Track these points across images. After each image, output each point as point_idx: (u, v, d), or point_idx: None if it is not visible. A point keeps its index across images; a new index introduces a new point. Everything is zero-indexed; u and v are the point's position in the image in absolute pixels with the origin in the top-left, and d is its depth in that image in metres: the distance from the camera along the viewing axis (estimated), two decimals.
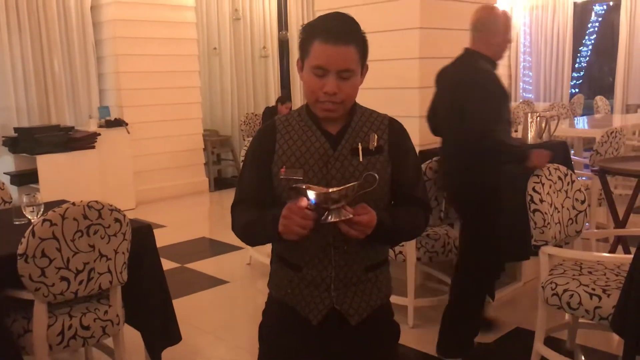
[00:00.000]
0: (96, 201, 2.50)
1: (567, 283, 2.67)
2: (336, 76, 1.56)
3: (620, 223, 3.97)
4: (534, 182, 2.82)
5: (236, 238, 1.72)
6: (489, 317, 3.46)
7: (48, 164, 5.88)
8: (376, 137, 1.66)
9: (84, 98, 7.06)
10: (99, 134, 6.36)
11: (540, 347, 2.87)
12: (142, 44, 7.00)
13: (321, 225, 1.48)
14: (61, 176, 5.90)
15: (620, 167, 3.91)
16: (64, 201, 2.98)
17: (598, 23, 11.00)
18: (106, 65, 7.11)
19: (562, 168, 3.01)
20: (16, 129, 6.12)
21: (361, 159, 1.64)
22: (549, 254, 2.82)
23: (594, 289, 2.58)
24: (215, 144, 8.23)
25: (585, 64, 11.23)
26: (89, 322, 2.55)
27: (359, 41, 1.59)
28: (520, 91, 11.13)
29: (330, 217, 1.46)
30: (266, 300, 1.81)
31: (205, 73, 8.46)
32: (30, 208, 2.79)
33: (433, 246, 3.48)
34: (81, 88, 7.01)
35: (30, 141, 5.85)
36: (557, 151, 4.17)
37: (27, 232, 2.34)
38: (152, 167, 7.22)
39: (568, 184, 2.99)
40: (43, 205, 2.83)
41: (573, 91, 10.78)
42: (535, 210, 2.78)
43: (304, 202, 1.45)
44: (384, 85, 4.06)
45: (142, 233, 2.84)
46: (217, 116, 8.72)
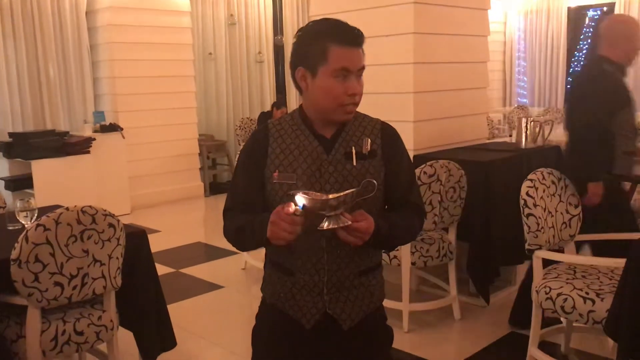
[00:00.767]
0: (90, 206, 2.49)
1: (561, 287, 2.67)
2: (356, 76, 1.60)
3: None
4: (528, 187, 2.83)
5: (229, 243, 1.72)
6: None
7: (43, 169, 5.86)
8: (369, 141, 1.67)
9: (79, 103, 7.05)
10: (94, 139, 6.35)
11: (534, 351, 2.87)
12: (137, 49, 7.00)
13: (315, 230, 1.48)
14: (56, 181, 5.88)
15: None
16: (58, 206, 2.97)
17: (592, 28, 11.05)
18: (101, 70, 7.10)
19: (556, 172, 3.02)
20: (11, 134, 6.10)
21: (355, 163, 1.64)
22: (543, 258, 2.83)
23: (587, 293, 2.59)
24: (210, 149, 8.22)
25: (580, 70, 11.26)
26: (82, 328, 2.54)
27: (363, 42, 1.64)
28: (515, 96, 11.16)
29: (328, 224, 1.46)
30: (259, 304, 1.81)
31: (201, 78, 8.46)
32: (24, 213, 2.78)
33: (428, 250, 3.48)
34: (76, 93, 7.00)
35: (24, 146, 5.84)
36: (550, 156, 4.20)
37: (21, 237, 2.33)
38: (147, 172, 7.21)
39: (562, 188, 3.00)
40: (37, 210, 2.82)
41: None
42: (528, 215, 2.79)
43: (291, 208, 1.45)
44: (379, 90, 4.07)
45: (137, 238, 2.83)
46: (212, 121, 8.71)
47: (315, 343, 1.71)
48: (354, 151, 1.65)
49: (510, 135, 6.59)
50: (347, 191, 1.45)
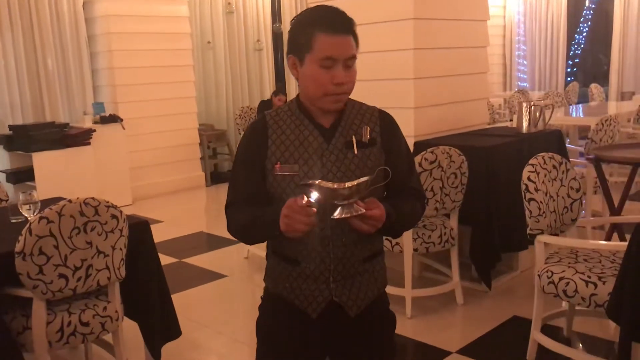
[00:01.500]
0: (93, 198, 2.50)
1: (563, 271, 2.68)
2: (343, 65, 1.58)
3: (615, 211, 3.98)
4: (529, 171, 2.83)
5: (234, 237, 1.72)
6: None
7: (43, 161, 5.87)
8: (369, 129, 1.67)
9: (78, 94, 7.04)
10: (94, 131, 6.35)
11: (537, 335, 2.89)
12: (135, 39, 6.97)
13: (322, 220, 1.48)
14: (57, 173, 5.89)
15: (615, 155, 3.92)
16: (60, 198, 2.98)
17: (592, 11, 10.99)
18: (100, 61, 7.08)
19: (557, 156, 3.02)
20: (11, 127, 6.10)
21: (356, 152, 1.64)
22: (545, 243, 2.84)
23: (589, 277, 2.60)
24: (210, 138, 8.22)
25: (580, 52, 11.22)
26: (88, 319, 2.56)
27: (354, 30, 1.61)
28: (515, 80, 11.13)
29: (341, 213, 1.45)
30: (262, 295, 1.82)
31: (200, 67, 8.44)
32: (27, 206, 2.79)
33: (430, 237, 3.49)
34: (75, 84, 6.99)
35: (25, 138, 5.84)
36: (551, 140, 4.20)
37: (24, 230, 2.34)
38: (148, 163, 7.21)
39: (563, 172, 3.00)
40: (39, 203, 2.83)
41: (568, 79, 10.79)
42: (530, 199, 2.80)
43: (304, 199, 1.44)
44: (379, 76, 4.06)
45: (139, 229, 2.84)
46: (212, 110, 8.70)
47: (321, 331, 1.71)
48: (354, 140, 1.65)
49: (511, 120, 6.58)
50: (361, 179, 1.44)
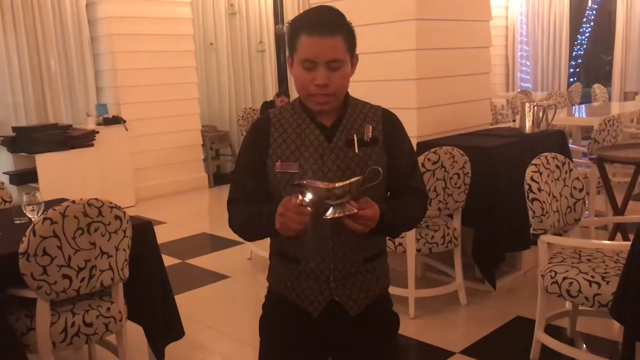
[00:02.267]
0: (96, 199, 2.51)
1: (567, 271, 2.68)
2: (325, 67, 1.56)
3: (618, 210, 3.98)
4: (532, 172, 2.83)
5: (235, 233, 1.73)
6: None
7: (47, 163, 5.88)
8: (371, 128, 1.67)
9: (81, 96, 7.05)
10: (97, 132, 6.36)
11: (540, 335, 2.89)
12: (138, 40, 6.98)
13: (321, 219, 1.49)
14: (60, 174, 5.91)
15: (618, 155, 3.92)
16: (63, 199, 2.99)
17: (595, 11, 10.97)
18: (103, 62, 7.10)
19: (560, 157, 3.01)
20: (14, 128, 6.12)
21: (357, 151, 1.64)
22: (548, 243, 2.83)
23: (593, 277, 2.59)
24: (213, 140, 8.22)
25: (583, 52, 11.21)
26: (91, 319, 2.56)
27: (345, 31, 1.59)
28: (518, 81, 11.12)
29: (334, 212, 1.46)
30: (266, 293, 1.83)
31: (202, 69, 8.45)
32: (31, 207, 2.80)
33: (433, 237, 3.49)
34: (78, 86, 7.00)
35: (28, 140, 5.86)
36: (554, 140, 4.19)
37: (28, 230, 2.34)
38: (151, 164, 7.22)
39: (566, 172, 2.99)
40: (43, 204, 2.84)
41: (570, 80, 10.77)
42: (533, 199, 2.79)
43: (298, 199, 1.45)
44: (381, 77, 4.06)
45: (143, 230, 2.84)
46: (214, 112, 8.71)
47: (323, 331, 1.72)
48: (355, 138, 1.65)
49: (514, 121, 6.57)
50: (353, 179, 1.45)
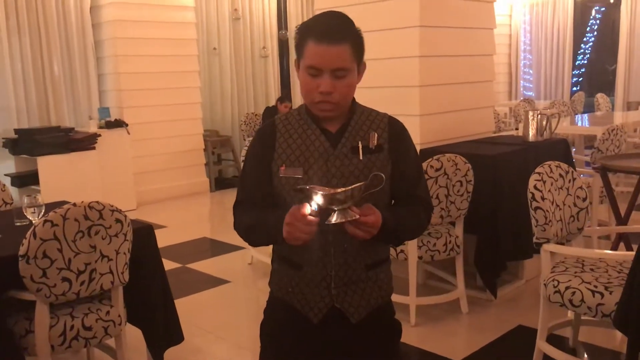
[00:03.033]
0: (97, 202, 2.50)
1: (569, 280, 2.66)
2: (330, 75, 1.56)
3: (621, 220, 3.96)
4: (535, 180, 2.81)
5: (237, 238, 1.72)
6: None
7: (48, 165, 5.88)
8: (376, 135, 1.66)
9: (84, 99, 7.05)
10: (99, 135, 6.36)
11: (542, 345, 2.87)
12: (141, 44, 6.99)
13: (323, 225, 1.48)
14: (62, 177, 5.90)
15: (622, 165, 3.90)
16: (64, 202, 2.98)
17: (598, 20, 10.99)
18: (106, 66, 7.10)
19: (564, 166, 3.00)
20: (16, 130, 6.11)
21: (361, 157, 1.63)
22: (551, 252, 2.82)
23: (596, 286, 2.57)
24: (215, 144, 8.22)
25: (586, 62, 11.21)
26: (90, 323, 2.55)
27: (353, 39, 1.58)
28: (521, 89, 11.12)
29: (336, 218, 1.45)
30: (267, 299, 1.81)
31: (205, 73, 8.46)
32: (32, 209, 2.79)
33: (435, 245, 3.47)
34: (81, 89, 7.00)
35: (30, 142, 5.85)
36: (558, 149, 4.18)
37: (29, 233, 2.34)
38: (152, 168, 7.21)
39: (569, 181, 2.98)
40: (44, 207, 2.83)
41: (574, 89, 10.77)
42: (536, 208, 2.78)
43: (306, 209, 1.44)
44: (385, 84, 4.06)
45: (143, 233, 2.84)
46: (217, 116, 8.71)
47: (323, 337, 1.70)
48: (360, 145, 1.64)
49: (517, 129, 6.56)
50: (355, 185, 1.44)
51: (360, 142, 1.65)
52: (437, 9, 4.04)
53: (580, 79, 11.18)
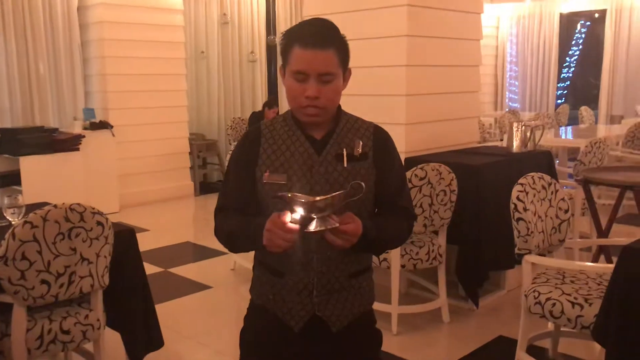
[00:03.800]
0: (78, 204, 2.47)
1: (550, 292, 2.68)
2: (317, 80, 1.56)
3: (602, 233, 4.00)
4: (518, 191, 2.83)
5: (220, 243, 1.71)
6: None
7: (31, 166, 5.81)
8: (361, 143, 1.66)
9: (69, 100, 7.00)
10: (84, 136, 6.30)
11: (522, 356, 2.88)
12: (128, 46, 6.95)
13: (304, 232, 1.47)
14: (44, 178, 5.83)
15: (604, 177, 3.94)
16: (46, 203, 2.94)
17: (583, 34, 11.12)
18: (92, 67, 7.06)
19: (546, 177, 3.02)
20: None
21: (345, 165, 1.63)
22: (532, 263, 2.83)
23: (576, 298, 2.59)
24: (201, 148, 8.19)
25: (571, 75, 11.34)
26: (69, 327, 2.51)
27: (338, 45, 1.59)
28: (507, 100, 11.21)
29: (315, 226, 1.44)
30: (248, 305, 1.80)
31: (192, 77, 8.43)
32: (12, 210, 2.75)
33: (417, 253, 3.48)
34: (66, 89, 6.95)
35: (13, 142, 5.79)
36: (541, 160, 4.21)
37: (8, 234, 2.30)
38: (136, 171, 7.16)
39: (552, 193, 3.00)
40: (25, 207, 2.79)
41: (558, 101, 10.88)
42: (519, 219, 2.79)
43: (286, 216, 1.44)
44: (371, 92, 4.07)
45: (125, 237, 2.81)
46: (203, 120, 8.68)
47: (304, 345, 1.70)
48: (344, 153, 1.64)
49: (501, 140, 6.61)
50: (335, 193, 1.44)
51: (345, 150, 1.65)
52: (424, 18, 4.07)
53: (565, 91, 11.29)
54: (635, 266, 2.24)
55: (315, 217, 1.44)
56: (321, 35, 1.56)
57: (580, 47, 11.19)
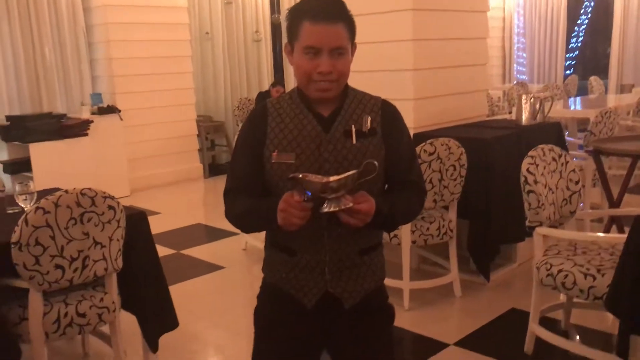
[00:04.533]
0: (89, 188, 2.48)
1: (562, 263, 2.68)
2: (329, 55, 1.55)
3: (614, 203, 3.98)
4: (528, 163, 2.82)
5: (232, 225, 1.72)
6: None
7: (41, 152, 5.85)
8: (369, 119, 1.65)
9: (76, 85, 7.00)
10: (92, 121, 6.32)
11: (535, 328, 2.89)
12: (133, 29, 6.93)
13: (317, 212, 1.47)
14: (54, 164, 5.87)
15: (615, 148, 3.91)
16: (57, 189, 2.96)
17: (592, 2, 10.95)
18: (97, 51, 7.04)
19: (557, 149, 3.01)
20: (8, 117, 6.07)
21: (354, 142, 1.62)
22: (544, 235, 2.83)
23: (588, 269, 2.59)
24: (209, 130, 8.19)
25: (580, 45, 11.19)
26: (84, 310, 2.55)
27: (347, 19, 1.58)
28: (514, 72, 11.10)
29: (329, 207, 1.44)
30: (261, 284, 1.81)
31: (198, 58, 8.40)
32: (23, 196, 2.78)
33: (428, 229, 3.48)
34: (73, 75, 6.95)
35: (22, 129, 5.82)
36: (551, 132, 4.18)
37: (21, 220, 2.32)
38: (145, 154, 7.19)
39: (562, 164, 2.99)
40: (36, 194, 2.82)
41: (567, 72, 10.77)
42: (529, 192, 2.78)
43: (300, 195, 1.44)
44: (378, 67, 4.04)
45: (137, 220, 2.82)
46: (210, 102, 8.67)
47: (317, 322, 1.71)
48: (353, 129, 1.63)
49: (510, 112, 6.56)
50: (348, 173, 1.43)
51: (353, 126, 1.64)
52: None
53: (574, 62, 11.16)
54: None
55: (329, 197, 1.43)
56: (331, 9, 1.55)
57: (589, 15, 11.03)
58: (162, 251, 4.23)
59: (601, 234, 3.43)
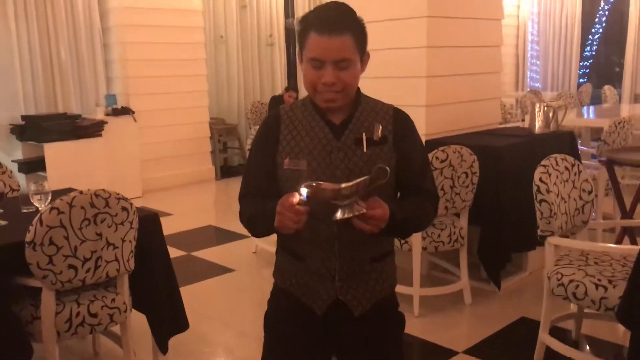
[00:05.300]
0: (103, 190, 2.51)
1: (573, 274, 2.67)
2: (333, 67, 1.55)
3: (627, 214, 3.96)
4: (541, 172, 2.81)
5: (242, 226, 1.73)
6: None
7: (55, 152, 5.90)
8: (380, 127, 1.66)
9: (91, 86, 7.06)
10: (106, 122, 6.37)
11: (545, 337, 2.87)
12: (148, 31, 6.98)
13: (327, 218, 1.47)
14: (68, 164, 5.92)
15: (628, 158, 3.89)
16: (71, 189, 2.99)
17: (607, 12, 10.89)
18: (113, 52, 7.10)
19: (569, 158, 2.99)
20: (23, 117, 6.13)
21: (365, 149, 1.63)
22: (555, 245, 2.82)
23: (600, 280, 2.58)
24: (221, 132, 8.22)
25: (594, 53, 11.13)
26: (96, 310, 2.57)
27: (355, 29, 1.57)
28: (528, 80, 11.05)
29: (342, 213, 1.44)
30: (272, 289, 1.82)
31: (212, 61, 8.44)
32: (38, 196, 2.80)
33: (439, 236, 3.48)
34: (88, 76, 7.01)
35: (37, 129, 5.87)
36: (564, 141, 4.17)
37: (35, 220, 2.35)
38: (158, 156, 7.23)
39: (575, 174, 2.97)
40: (50, 194, 2.85)
41: (581, 80, 10.71)
42: (541, 201, 2.78)
43: (295, 198, 1.44)
44: (391, 74, 4.04)
45: (149, 221, 2.85)
46: (223, 104, 8.70)
47: (327, 329, 1.72)
48: (364, 137, 1.64)
49: (523, 120, 6.53)
50: (359, 179, 1.43)
51: (364, 134, 1.64)
52: None
53: (588, 70, 11.10)
54: None
55: (342, 204, 1.44)
56: (336, 21, 1.54)
57: (604, 24, 10.97)
58: (173, 253, 4.24)
59: (613, 245, 3.41)
